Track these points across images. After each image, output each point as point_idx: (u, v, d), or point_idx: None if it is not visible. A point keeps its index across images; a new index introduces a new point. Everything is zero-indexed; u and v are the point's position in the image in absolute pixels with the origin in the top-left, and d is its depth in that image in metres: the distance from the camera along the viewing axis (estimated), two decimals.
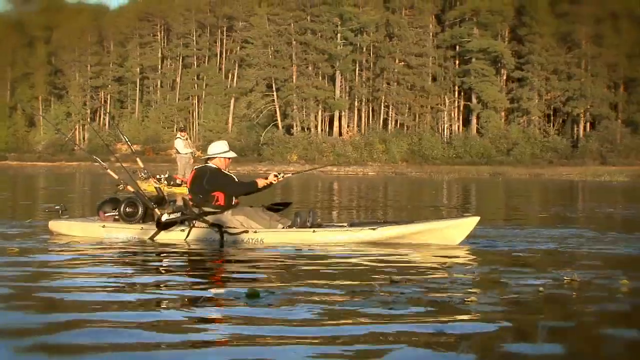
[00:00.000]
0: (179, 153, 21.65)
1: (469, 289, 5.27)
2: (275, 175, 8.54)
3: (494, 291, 5.17)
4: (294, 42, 79.51)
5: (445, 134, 78.81)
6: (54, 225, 8.74)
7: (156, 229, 8.21)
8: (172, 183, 20.33)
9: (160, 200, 8.62)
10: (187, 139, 22.01)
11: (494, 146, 73.05)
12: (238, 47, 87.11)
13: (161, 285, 5.51)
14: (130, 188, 8.73)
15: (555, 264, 6.59)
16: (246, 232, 8.03)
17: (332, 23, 78.73)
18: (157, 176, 19.11)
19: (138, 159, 9.62)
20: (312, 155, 71.91)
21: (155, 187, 9.09)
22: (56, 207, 8.87)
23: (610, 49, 73.14)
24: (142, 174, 9.29)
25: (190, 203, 8.25)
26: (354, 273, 6.14)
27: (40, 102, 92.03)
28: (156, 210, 8.31)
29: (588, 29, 73.53)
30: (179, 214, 8.15)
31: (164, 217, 8.11)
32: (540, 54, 75.01)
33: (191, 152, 21.47)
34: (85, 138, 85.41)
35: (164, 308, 4.65)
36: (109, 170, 9.10)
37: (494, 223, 10.23)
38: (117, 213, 8.51)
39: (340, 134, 79.33)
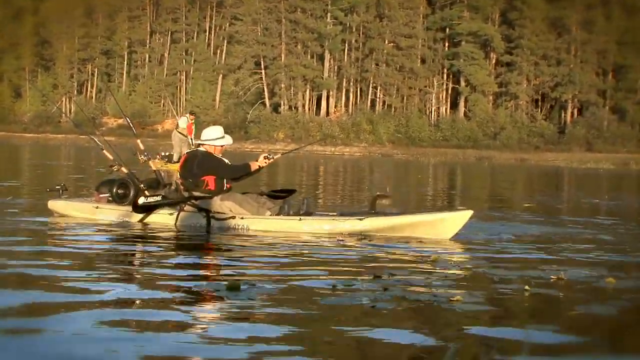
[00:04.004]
0: (178, 129, 21.86)
1: (454, 287, 5.24)
2: (266, 157, 8.42)
3: (480, 290, 5.17)
4: (283, 20, 78.95)
5: (432, 116, 78.77)
6: (53, 204, 8.78)
7: (143, 213, 8.17)
8: (169, 161, 20.81)
9: (155, 184, 8.57)
10: (192, 122, 22.17)
11: (481, 130, 73.07)
12: (227, 24, 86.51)
13: (135, 274, 5.39)
14: (124, 169, 8.69)
15: (542, 261, 6.58)
16: (233, 218, 7.96)
17: (322, 2, 78.19)
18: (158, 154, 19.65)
19: (139, 141, 9.48)
20: (298, 134, 71.71)
21: (155, 171, 9.02)
22: (57, 187, 8.84)
23: (600, 36, 73.16)
24: (142, 157, 9.19)
25: (182, 188, 8.21)
26: (338, 266, 6.01)
27: (27, 73, 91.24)
28: (145, 192, 8.26)
29: (579, 14, 73.47)
30: (158, 198, 8.11)
31: (141, 200, 8.08)
32: (530, 39, 74.87)
33: (189, 138, 21.50)
34: (72, 110, 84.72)
35: (133, 301, 4.44)
36: (104, 151, 9.04)
37: (482, 215, 10.20)
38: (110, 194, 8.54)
39: (327, 113, 79.11)
